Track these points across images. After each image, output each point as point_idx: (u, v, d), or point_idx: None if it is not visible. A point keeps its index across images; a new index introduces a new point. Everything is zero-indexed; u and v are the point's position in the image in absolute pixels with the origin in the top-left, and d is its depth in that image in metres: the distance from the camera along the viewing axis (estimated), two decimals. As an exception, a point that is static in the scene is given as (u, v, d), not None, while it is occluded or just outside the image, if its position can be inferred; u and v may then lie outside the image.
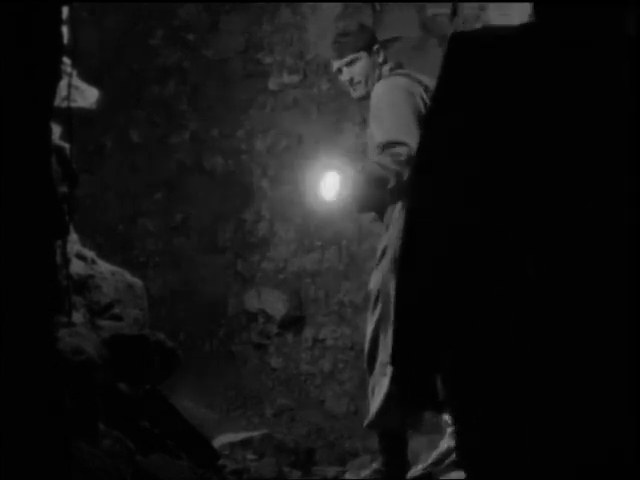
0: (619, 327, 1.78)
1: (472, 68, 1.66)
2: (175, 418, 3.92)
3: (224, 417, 6.24)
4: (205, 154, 7.07)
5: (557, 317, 1.81)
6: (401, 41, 6.05)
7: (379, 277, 4.33)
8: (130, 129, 7.17)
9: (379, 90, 4.36)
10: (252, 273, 6.93)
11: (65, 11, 3.39)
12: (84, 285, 3.92)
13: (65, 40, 3.18)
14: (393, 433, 4.40)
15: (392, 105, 4.28)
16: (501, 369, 1.87)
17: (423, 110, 4.19)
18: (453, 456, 4.13)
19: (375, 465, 4.52)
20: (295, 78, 6.84)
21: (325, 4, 6.72)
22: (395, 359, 2.01)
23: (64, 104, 3.60)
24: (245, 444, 5.23)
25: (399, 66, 4.51)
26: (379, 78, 4.44)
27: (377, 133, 4.28)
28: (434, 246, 1.86)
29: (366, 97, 4.46)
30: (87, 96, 4.05)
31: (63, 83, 3.34)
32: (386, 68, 4.47)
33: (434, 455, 4.38)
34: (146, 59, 7.15)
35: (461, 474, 2.51)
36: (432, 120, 1.82)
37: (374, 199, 4.27)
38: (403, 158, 4.06)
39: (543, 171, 1.72)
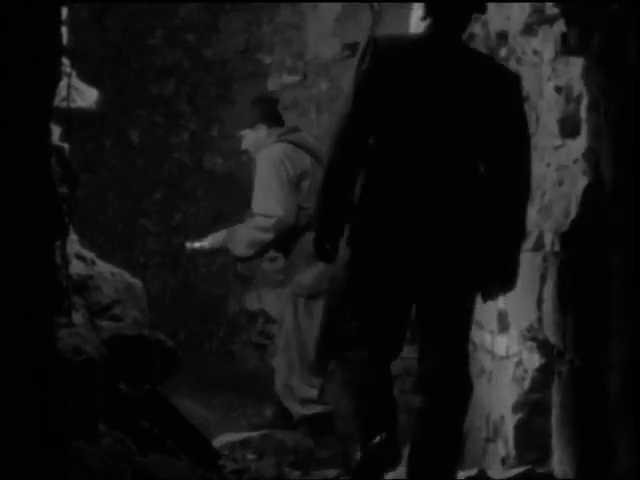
0: None
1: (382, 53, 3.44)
2: (175, 418, 3.91)
3: (224, 417, 6.23)
4: (205, 154, 7.07)
5: None
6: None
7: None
8: (130, 129, 7.17)
9: (258, 160, 5.24)
10: (252, 273, 6.93)
11: (65, 11, 3.39)
12: (84, 285, 3.91)
13: (65, 40, 3.18)
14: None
15: (262, 178, 5.16)
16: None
17: (298, 171, 5.17)
18: None
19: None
20: (294, 78, 6.85)
21: (325, 4, 6.72)
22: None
23: (64, 104, 3.60)
24: (245, 444, 5.23)
25: (293, 130, 5.37)
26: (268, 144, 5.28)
27: (253, 200, 5.25)
28: None
29: None
30: (86, 96, 4.05)
31: (63, 83, 3.34)
32: (274, 135, 5.29)
33: None
34: (146, 59, 7.14)
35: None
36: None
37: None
38: (269, 225, 5.13)
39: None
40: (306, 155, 5.24)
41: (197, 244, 5.48)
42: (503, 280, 3.59)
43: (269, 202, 5.14)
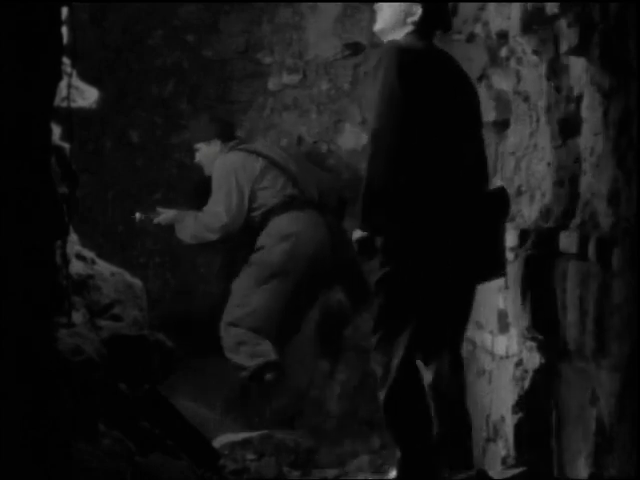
0: None
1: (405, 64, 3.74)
2: (175, 418, 3.91)
3: (224, 417, 6.23)
4: (205, 154, 7.07)
5: None
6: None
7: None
8: (130, 129, 7.17)
9: (214, 167, 5.96)
10: (252, 273, 6.92)
11: (65, 11, 3.39)
12: (84, 285, 3.91)
13: (65, 40, 3.18)
14: None
15: (216, 183, 5.88)
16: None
17: (257, 171, 5.89)
18: None
19: None
20: (295, 78, 6.84)
21: (324, 4, 6.72)
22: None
23: (64, 104, 3.60)
24: (245, 444, 5.23)
25: (243, 141, 6.11)
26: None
27: (210, 199, 5.94)
28: None
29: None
30: (87, 96, 4.05)
31: (63, 83, 3.34)
32: (228, 146, 6.00)
33: None
34: (146, 59, 7.14)
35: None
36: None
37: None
38: (215, 227, 5.87)
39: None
40: (258, 159, 5.88)
41: (145, 216, 6.06)
42: (498, 262, 3.96)
43: (218, 207, 5.82)
